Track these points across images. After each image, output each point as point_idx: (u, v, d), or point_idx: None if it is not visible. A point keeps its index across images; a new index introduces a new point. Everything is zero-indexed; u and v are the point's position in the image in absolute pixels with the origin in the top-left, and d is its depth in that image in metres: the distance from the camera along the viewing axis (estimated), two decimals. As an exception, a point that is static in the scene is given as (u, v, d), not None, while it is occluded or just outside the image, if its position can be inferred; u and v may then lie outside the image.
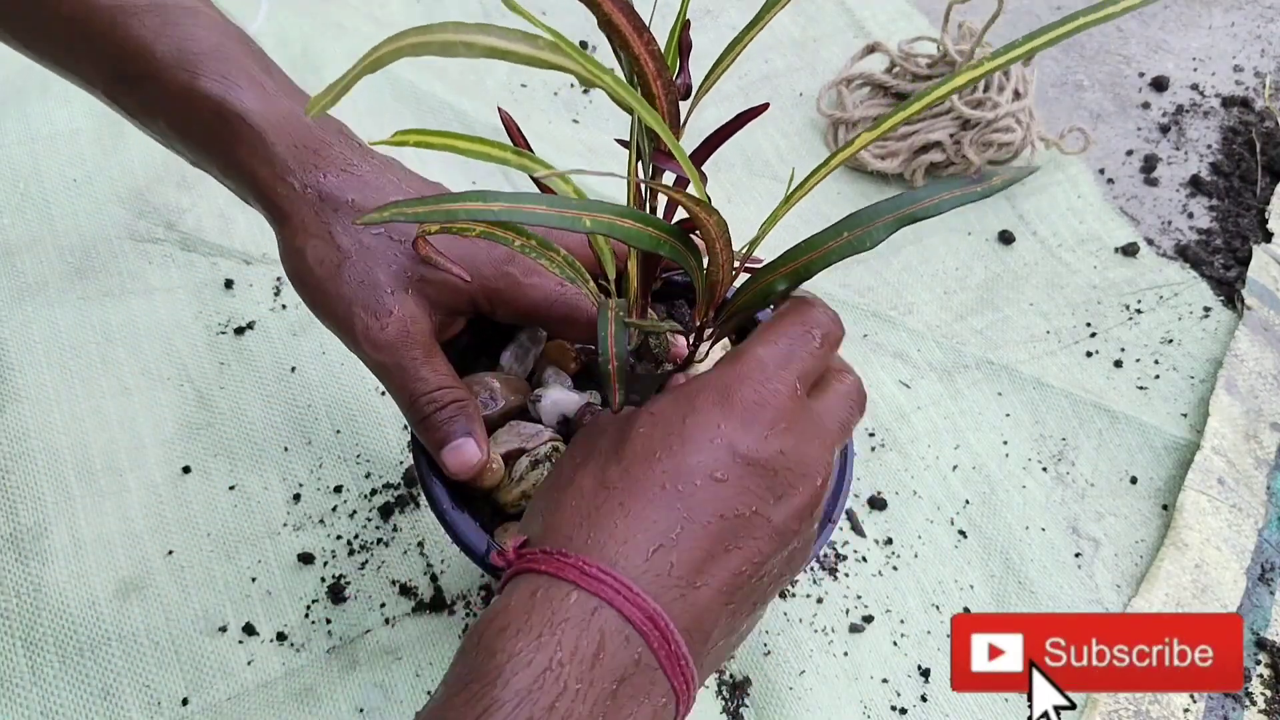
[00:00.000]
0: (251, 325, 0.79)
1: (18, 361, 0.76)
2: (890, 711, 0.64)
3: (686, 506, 0.39)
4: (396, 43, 0.31)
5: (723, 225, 0.39)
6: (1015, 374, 0.79)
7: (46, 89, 0.92)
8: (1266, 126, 0.96)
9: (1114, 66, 1.03)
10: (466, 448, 0.49)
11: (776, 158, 0.94)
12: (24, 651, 0.64)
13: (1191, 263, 0.87)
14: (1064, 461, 0.75)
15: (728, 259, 0.42)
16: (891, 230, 0.41)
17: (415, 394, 0.49)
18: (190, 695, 0.63)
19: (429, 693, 0.64)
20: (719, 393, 0.41)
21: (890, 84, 0.94)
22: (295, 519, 0.70)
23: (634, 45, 0.36)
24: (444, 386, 0.50)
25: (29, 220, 0.84)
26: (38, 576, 0.66)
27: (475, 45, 0.30)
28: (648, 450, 0.40)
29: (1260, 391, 0.78)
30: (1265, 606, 0.69)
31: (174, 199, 0.86)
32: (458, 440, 0.49)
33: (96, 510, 0.69)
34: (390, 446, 0.73)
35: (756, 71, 1.00)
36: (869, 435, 0.76)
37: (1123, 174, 0.94)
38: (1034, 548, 0.71)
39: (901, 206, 0.41)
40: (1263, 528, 0.72)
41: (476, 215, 0.33)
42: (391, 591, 0.67)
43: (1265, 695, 0.65)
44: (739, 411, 0.40)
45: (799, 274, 0.43)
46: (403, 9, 1.01)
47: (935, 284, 0.85)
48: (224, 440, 0.73)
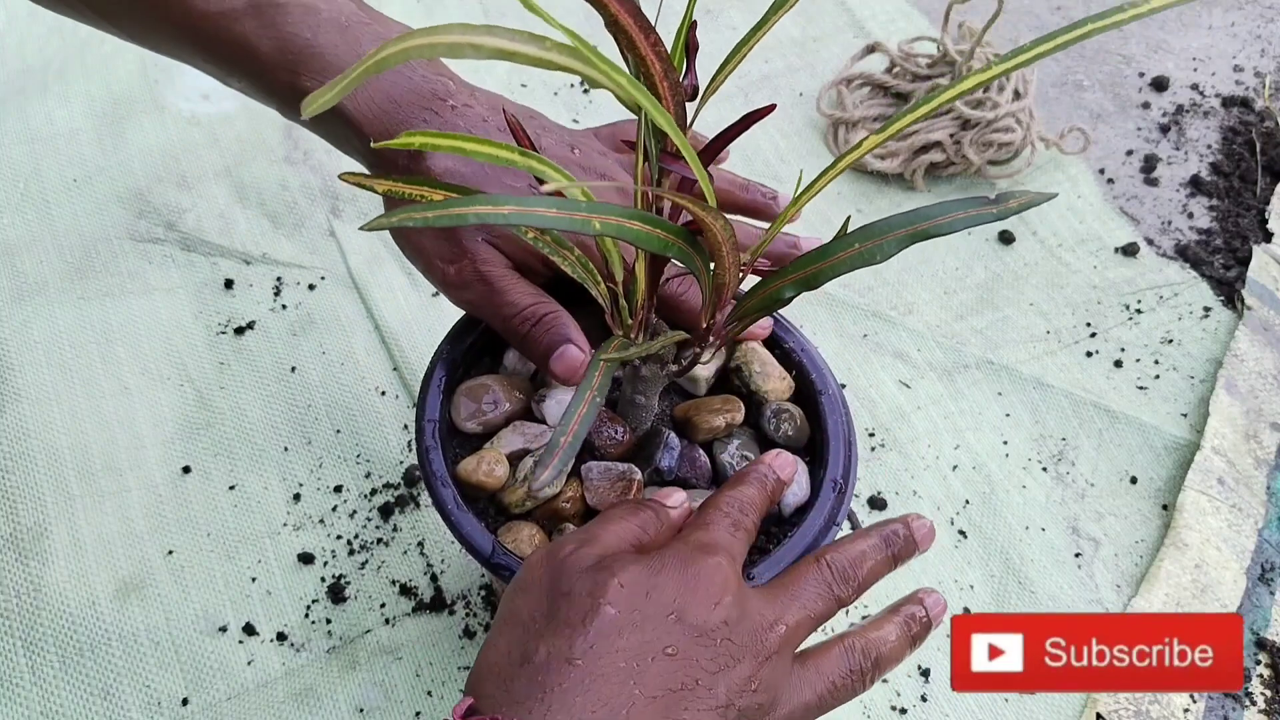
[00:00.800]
0: (251, 325, 0.79)
1: (18, 361, 0.76)
2: (890, 711, 0.64)
3: (639, 682, 0.39)
4: (402, 44, 0.31)
5: (729, 229, 0.39)
6: (1015, 374, 0.79)
7: (46, 89, 0.92)
8: (1266, 126, 0.97)
9: (1114, 66, 1.03)
10: (569, 353, 0.51)
11: (777, 158, 0.93)
12: (24, 651, 0.64)
13: (1191, 263, 0.87)
14: (1064, 461, 0.75)
15: (734, 262, 0.42)
16: (904, 245, 0.41)
17: (507, 317, 0.52)
18: (190, 695, 0.63)
19: (429, 693, 0.64)
20: (680, 563, 0.43)
21: (890, 84, 0.94)
22: (295, 519, 0.70)
23: (640, 46, 0.36)
24: (533, 304, 0.52)
25: (29, 220, 0.84)
26: (38, 576, 0.66)
27: (483, 47, 0.30)
28: (614, 629, 0.40)
29: (1260, 391, 0.78)
30: (1265, 606, 0.69)
31: (174, 199, 0.86)
32: (560, 348, 0.51)
33: (96, 510, 0.69)
34: (390, 446, 0.73)
35: (756, 71, 1.00)
36: (869, 435, 0.76)
37: (1123, 174, 0.94)
38: (1034, 548, 0.71)
39: (915, 222, 0.40)
40: (1263, 528, 0.72)
41: (486, 219, 0.33)
42: (391, 591, 0.67)
43: (1265, 695, 0.65)
44: (695, 584, 0.42)
45: (807, 282, 0.43)
46: (402, 10, 1.01)
47: (935, 284, 0.85)
48: (224, 440, 0.73)
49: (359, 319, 0.80)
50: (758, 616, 0.42)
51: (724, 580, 0.42)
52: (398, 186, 0.42)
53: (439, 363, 0.55)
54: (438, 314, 0.80)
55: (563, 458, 0.41)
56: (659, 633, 0.40)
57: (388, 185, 0.42)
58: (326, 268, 0.82)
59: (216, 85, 0.93)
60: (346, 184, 0.51)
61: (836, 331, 0.82)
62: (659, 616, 0.41)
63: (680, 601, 0.41)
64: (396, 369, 0.77)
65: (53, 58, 0.94)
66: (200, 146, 0.89)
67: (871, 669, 0.45)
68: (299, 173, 0.88)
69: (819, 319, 0.82)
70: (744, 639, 0.42)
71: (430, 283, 0.55)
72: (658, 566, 0.42)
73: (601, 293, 0.47)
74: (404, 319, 0.79)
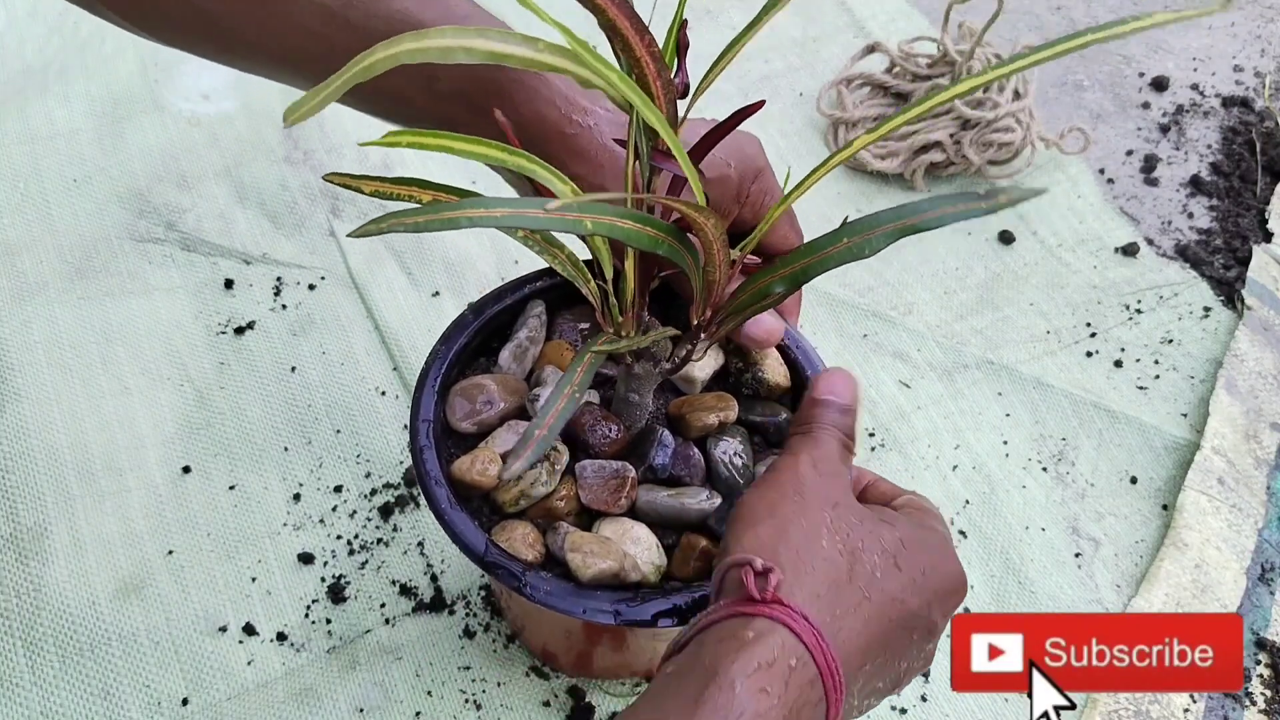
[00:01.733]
0: (251, 325, 0.79)
1: (18, 361, 0.76)
2: (890, 711, 0.64)
3: (896, 616, 0.43)
4: (392, 48, 0.31)
5: (719, 227, 0.39)
6: (1015, 374, 0.79)
7: (46, 89, 0.92)
8: (1266, 126, 0.96)
9: (1114, 66, 1.03)
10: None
11: (776, 158, 0.93)
12: (24, 651, 0.64)
13: (1191, 263, 0.86)
14: (1064, 461, 0.75)
15: (725, 259, 0.42)
16: (892, 239, 0.41)
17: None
18: (190, 695, 0.63)
19: (429, 692, 0.64)
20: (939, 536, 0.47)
21: (890, 84, 0.94)
22: (295, 519, 0.70)
23: (635, 47, 0.36)
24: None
25: (29, 220, 0.84)
26: (38, 576, 0.67)
27: (475, 50, 0.30)
28: (909, 570, 0.44)
29: (1260, 391, 0.78)
30: (1265, 606, 0.69)
31: (174, 199, 0.86)
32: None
33: (96, 510, 0.69)
34: (390, 446, 0.73)
35: (756, 71, 1.00)
36: (869, 435, 0.76)
37: (1123, 174, 0.93)
38: (1034, 548, 0.71)
39: (904, 216, 0.40)
40: (1263, 528, 0.72)
41: (479, 222, 0.33)
42: (391, 591, 0.67)
43: (1265, 695, 0.65)
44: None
45: (797, 277, 0.43)
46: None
47: (935, 284, 0.85)
48: (224, 440, 0.73)
49: (359, 319, 0.80)
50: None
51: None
52: (384, 187, 0.42)
53: (434, 363, 0.55)
54: (437, 314, 0.80)
55: (536, 449, 0.41)
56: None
57: (375, 186, 0.42)
58: (326, 268, 0.82)
59: (217, 85, 0.94)
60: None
61: (836, 331, 0.82)
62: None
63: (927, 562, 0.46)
64: (396, 369, 0.77)
65: (53, 58, 0.95)
66: (200, 146, 0.90)
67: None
68: (299, 173, 0.88)
69: (819, 319, 0.82)
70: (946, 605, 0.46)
71: None
72: (931, 524, 0.48)
73: (592, 291, 0.47)
74: (404, 319, 0.79)
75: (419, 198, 0.43)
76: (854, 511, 0.45)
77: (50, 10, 0.97)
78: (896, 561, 0.44)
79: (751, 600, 0.40)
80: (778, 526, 0.43)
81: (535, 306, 0.59)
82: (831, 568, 0.42)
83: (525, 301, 0.59)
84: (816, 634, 0.40)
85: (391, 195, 0.43)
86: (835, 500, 0.45)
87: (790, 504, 0.44)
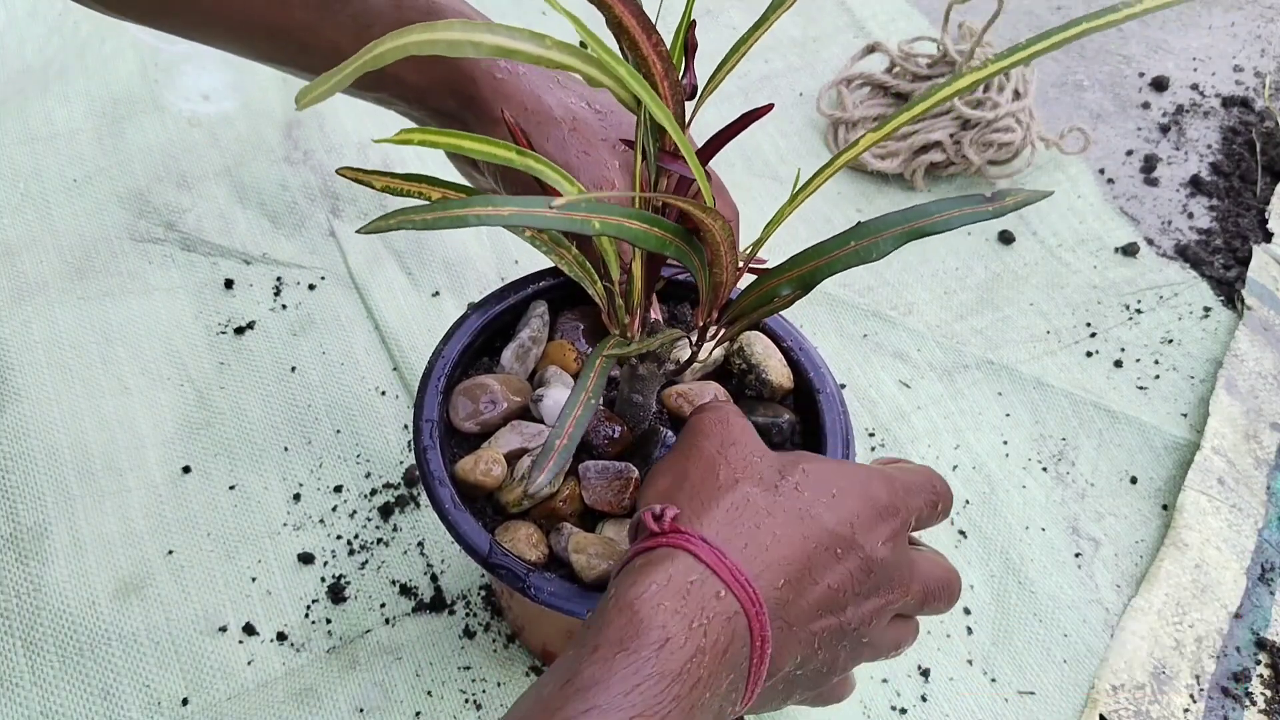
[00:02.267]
0: (251, 325, 0.79)
1: (18, 361, 0.76)
2: (890, 711, 0.64)
3: (812, 534, 0.43)
4: (400, 39, 0.31)
5: (726, 228, 0.39)
6: (1015, 374, 0.79)
7: (46, 89, 0.92)
8: (1266, 126, 0.97)
9: (1114, 66, 1.03)
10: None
11: (777, 158, 0.94)
12: (24, 651, 0.64)
13: (1191, 263, 0.87)
14: (1064, 461, 0.75)
15: (731, 261, 0.42)
16: (899, 243, 0.41)
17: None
18: (190, 695, 0.63)
19: (429, 692, 0.64)
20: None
21: (890, 84, 0.94)
22: (295, 519, 0.70)
23: (643, 46, 0.36)
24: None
25: (29, 220, 0.84)
26: (38, 576, 0.66)
27: (482, 44, 0.30)
28: (816, 492, 0.44)
29: (1260, 391, 0.78)
30: (1265, 606, 0.69)
31: (174, 199, 0.86)
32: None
33: (96, 510, 0.69)
34: (390, 446, 0.73)
35: (756, 71, 1.00)
36: (869, 435, 0.76)
37: (1123, 174, 0.94)
38: (1034, 547, 0.71)
39: (911, 220, 0.41)
40: (1263, 528, 0.72)
41: (487, 220, 0.33)
42: (391, 591, 0.67)
43: (1265, 695, 0.65)
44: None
45: (804, 280, 0.43)
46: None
47: (935, 284, 0.85)
48: (224, 440, 0.73)
49: (359, 319, 0.80)
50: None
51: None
52: (395, 184, 0.42)
53: (437, 362, 0.55)
54: (438, 314, 0.80)
55: (558, 460, 0.41)
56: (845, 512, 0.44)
57: (386, 181, 0.42)
58: (326, 268, 0.82)
59: (217, 85, 0.94)
60: (347, 184, 0.51)
61: (836, 331, 0.82)
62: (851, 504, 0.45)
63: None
64: (396, 369, 0.77)
65: (53, 58, 0.94)
66: (200, 146, 0.89)
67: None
68: (299, 173, 0.88)
69: (819, 319, 0.82)
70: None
71: None
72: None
73: (598, 292, 0.47)
74: (404, 319, 0.79)
75: (428, 194, 0.43)
76: (753, 449, 0.45)
77: (50, 10, 0.97)
78: (799, 485, 0.44)
79: (651, 535, 0.41)
80: (676, 474, 0.45)
81: (538, 306, 0.59)
82: (729, 495, 0.43)
83: (528, 301, 0.59)
84: (716, 552, 0.40)
85: (401, 191, 0.43)
86: (733, 440, 0.45)
87: (688, 456, 0.45)
